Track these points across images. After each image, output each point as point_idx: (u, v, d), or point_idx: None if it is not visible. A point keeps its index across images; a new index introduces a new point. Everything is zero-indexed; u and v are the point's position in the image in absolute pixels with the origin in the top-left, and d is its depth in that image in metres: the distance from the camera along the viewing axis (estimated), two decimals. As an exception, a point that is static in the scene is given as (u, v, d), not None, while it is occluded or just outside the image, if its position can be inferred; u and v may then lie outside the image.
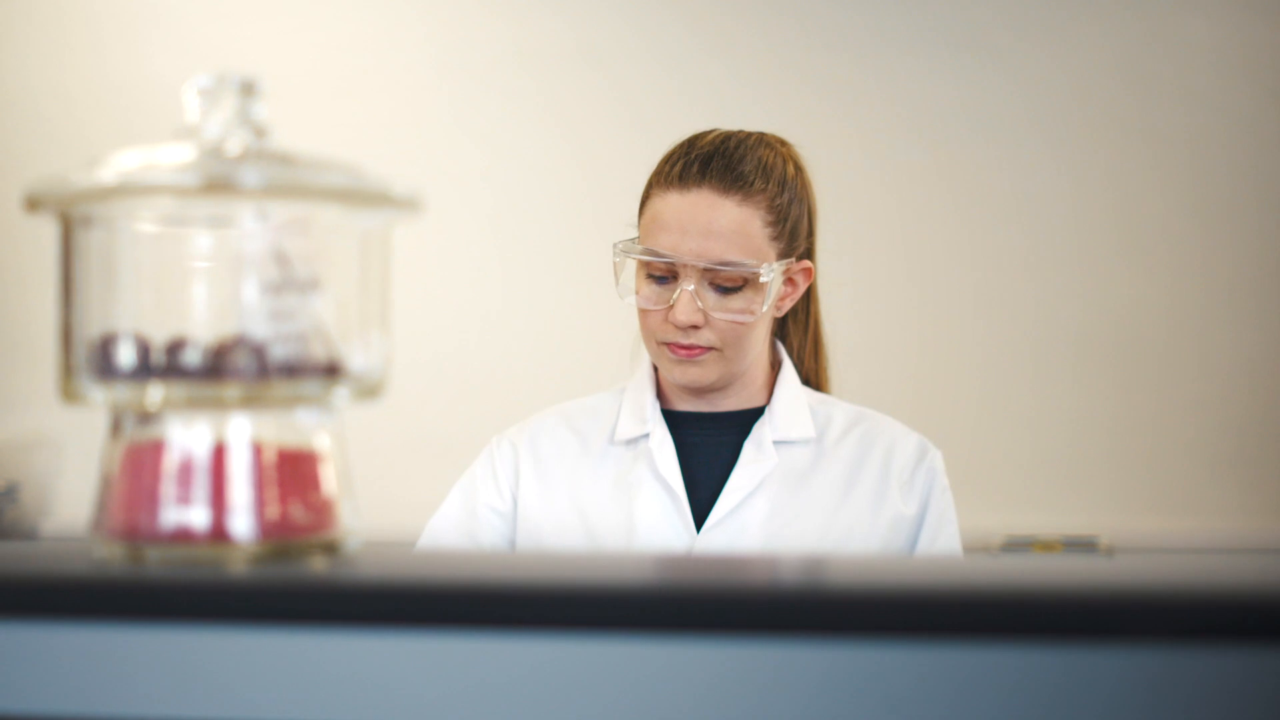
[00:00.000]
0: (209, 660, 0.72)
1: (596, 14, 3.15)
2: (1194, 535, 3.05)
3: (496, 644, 0.71)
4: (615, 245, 1.60)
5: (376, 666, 0.72)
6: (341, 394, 0.79)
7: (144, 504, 0.77)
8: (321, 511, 0.78)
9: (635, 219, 1.64)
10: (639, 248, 1.59)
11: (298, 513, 0.77)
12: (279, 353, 0.77)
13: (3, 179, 3.14)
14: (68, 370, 0.78)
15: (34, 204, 0.77)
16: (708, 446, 1.66)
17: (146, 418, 0.77)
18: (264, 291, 0.77)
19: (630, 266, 1.61)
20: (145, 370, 0.76)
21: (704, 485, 1.64)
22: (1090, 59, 3.11)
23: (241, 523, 0.76)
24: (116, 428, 0.78)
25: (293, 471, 0.78)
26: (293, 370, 0.77)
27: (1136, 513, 3.12)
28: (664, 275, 1.58)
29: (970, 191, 3.13)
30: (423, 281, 3.13)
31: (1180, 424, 3.10)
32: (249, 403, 0.76)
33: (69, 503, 3.21)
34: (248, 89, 0.79)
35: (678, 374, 1.61)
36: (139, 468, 0.77)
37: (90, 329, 0.78)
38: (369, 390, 0.80)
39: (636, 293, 1.60)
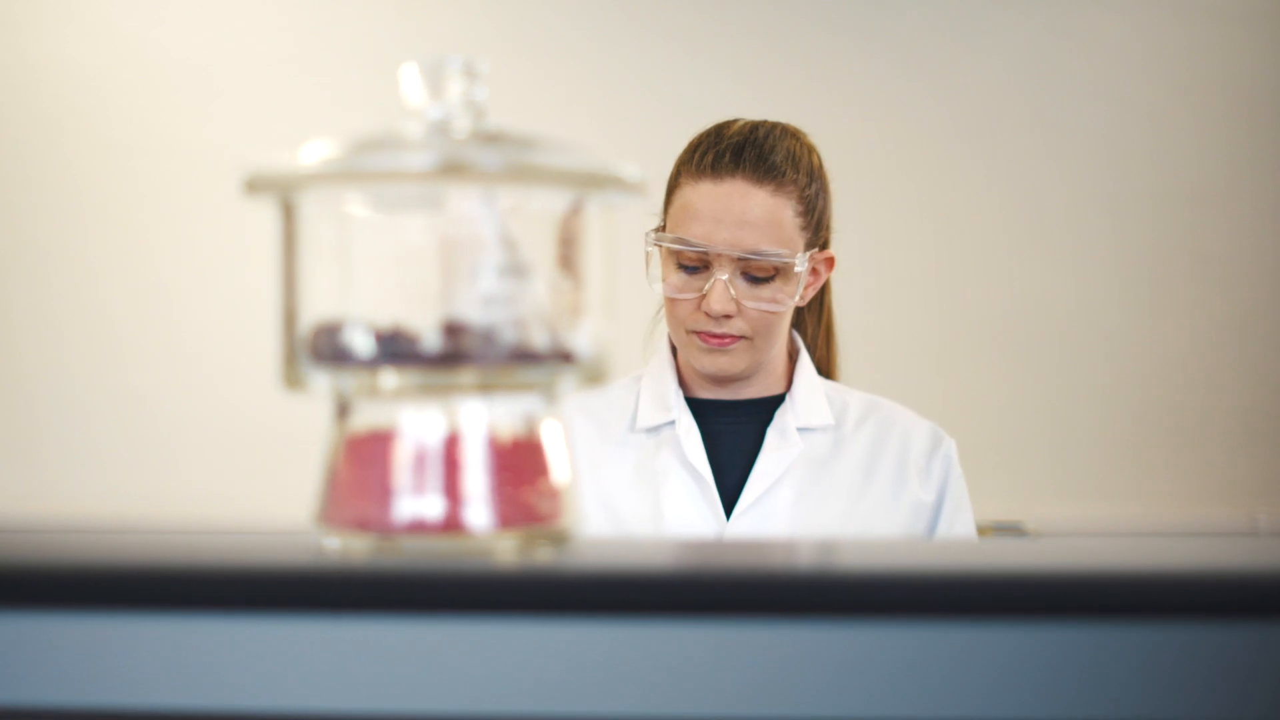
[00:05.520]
0: (465, 652, 0.70)
1: (591, 4, 3.13)
2: (1109, 520, 3.13)
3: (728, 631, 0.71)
4: (647, 235, 1.60)
5: (620, 654, 0.71)
6: (568, 380, 0.78)
7: (377, 494, 0.75)
8: (554, 499, 0.77)
9: (657, 208, 1.65)
10: (670, 236, 1.59)
11: (533, 501, 0.76)
12: (508, 338, 0.76)
13: None
14: (290, 356, 0.76)
15: (254, 187, 0.75)
16: (731, 434, 1.67)
17: (373, 405, 0.76)
18: (489, 276, 0.76)
19: (656, 254, 1.61)
20: (376, 356, 0.74)
21: (728, 472, 1.65)
22: (1000, 54, 3.16)
23: (480, 513, 0.75)
24: (341, 415, 0.76)
25: (527, 459, 0.76)
26: (525, 356, 0.76)
27: (1050, 499, 3.18)
28: (694, 264, 1.58)
29: (900, 184, 3.17)
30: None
31: (1097, 412, 3.18)
32: (483, 389, 0.75)
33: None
34: (470, 71, 0.78)
35: (707, 363, 1.61)
36: (370, 457, 0.75)
37: (313, 314, 0.76)
38: (594, 376, 0.79)
39: (664, 281, 1.60)
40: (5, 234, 3.16)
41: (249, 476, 3.14)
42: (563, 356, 0.77)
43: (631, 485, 1.64)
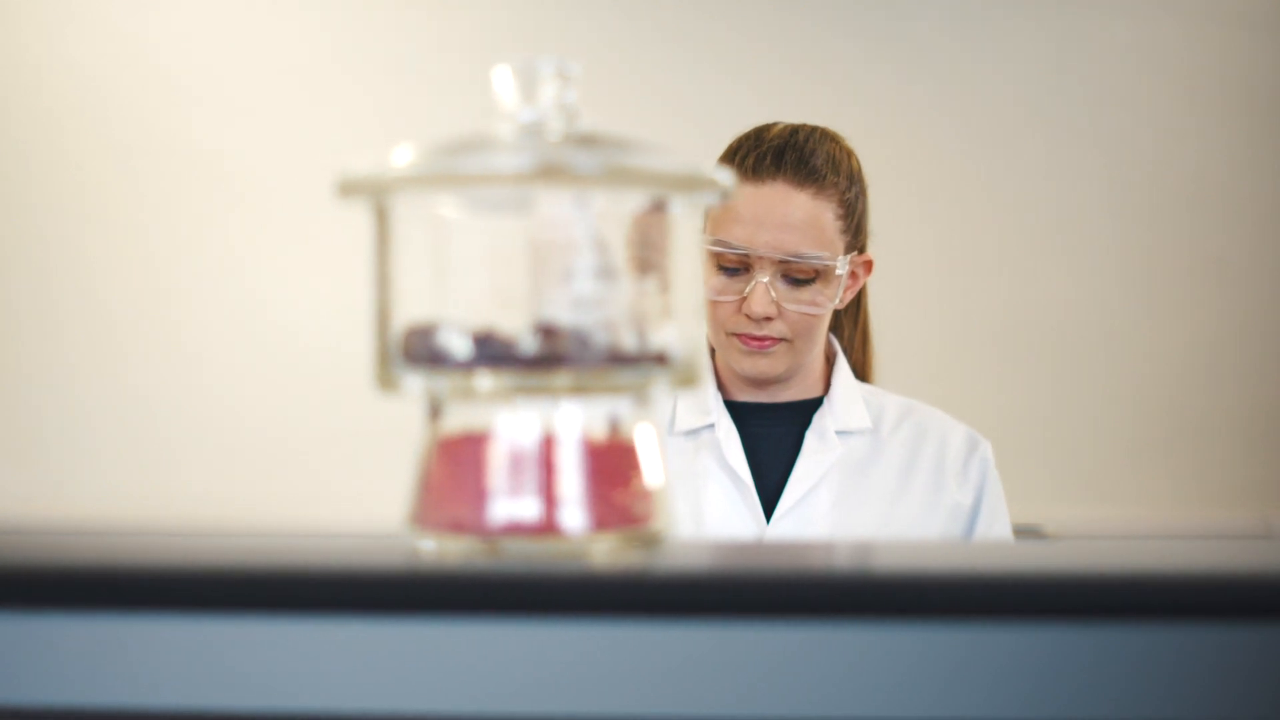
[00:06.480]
0: (561, 654, 0.70)
1: (598, 8, 3.13)
2: (1118, 523, 3.14)
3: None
4: None
5: (715, 656, 0.71)
6: (662, 382, 0.78)
7: (471, 496, 0.75)
8: (648, 501, 0.77)
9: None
10: (710, 239, 1.59)
11: (628, 503, 0.76)
12: (602, 340, 0.76)
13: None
14: (384, 358, 0.76)
15: (347, 190, 0.75)
16: (770, 437, 1.68)
17: (466, 407, 0.75)
18: (582, 278, 0.76)
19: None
20: (471, 358, 0.74)
21: (768, 475, 1.66)
22: (1002, 57, 3.17)
23: (575, 515, 0.74)
24: (434, 417, 0.76)
25: (621, 461, 0.76)
26: (619, 358, 0.76)
27: (1059, 502, 3.19)
28: (734, 267, 1.59)
29: (904, 186, 3.17)
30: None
31: (1105, 415, 3.19)
32: (578, 391, 0.75)
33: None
34: (563, 74, 0.78)
35: (747, 365, 1.62)
36: (464, 459, 0.75)
37: (405, 316, 0.76)
38: (687, 378, 0.79)
39: (704, 283, 1.61)
40: (6, 234, 3.14)
41: (250, 477, 3.13)
42: (656, 358, 0.77)
43: (671, 488, 1.64)
